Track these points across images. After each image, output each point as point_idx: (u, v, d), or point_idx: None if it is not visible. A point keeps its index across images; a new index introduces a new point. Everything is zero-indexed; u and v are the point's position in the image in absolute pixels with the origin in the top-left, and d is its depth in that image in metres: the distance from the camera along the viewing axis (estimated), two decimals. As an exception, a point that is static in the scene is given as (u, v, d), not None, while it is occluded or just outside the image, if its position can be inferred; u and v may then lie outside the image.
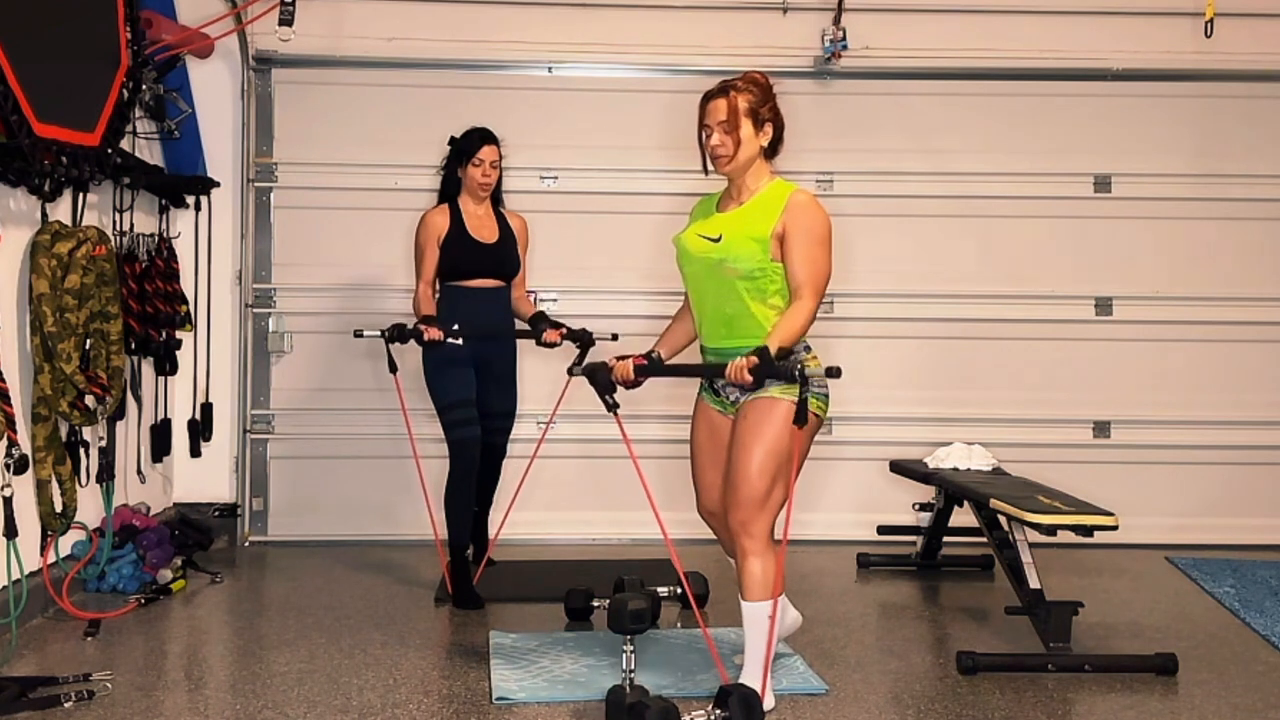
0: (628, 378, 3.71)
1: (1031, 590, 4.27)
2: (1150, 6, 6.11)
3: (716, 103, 3.67)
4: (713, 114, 3.67)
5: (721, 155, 3.66)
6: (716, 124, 3.65)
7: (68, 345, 4.37)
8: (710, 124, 3.67)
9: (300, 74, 5.99)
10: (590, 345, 4.89)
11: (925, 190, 6.14)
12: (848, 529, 5.95)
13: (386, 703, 3.69)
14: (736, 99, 3.64)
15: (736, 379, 3.50)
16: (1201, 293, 6.18)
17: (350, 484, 6.01)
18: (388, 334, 4.74)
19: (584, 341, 4.90)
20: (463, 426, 4.78)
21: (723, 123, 3.64)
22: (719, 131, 3.65)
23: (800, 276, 3.58)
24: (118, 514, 5.04)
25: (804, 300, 3.57)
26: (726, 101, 3.64)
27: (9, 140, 4.11)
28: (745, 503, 3.58)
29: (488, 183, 4.91)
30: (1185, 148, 6.18)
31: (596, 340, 4.90)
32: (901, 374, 6.13)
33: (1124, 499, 5.26)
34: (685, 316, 3.90)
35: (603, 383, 3.67)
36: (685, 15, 6.08)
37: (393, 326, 4.74)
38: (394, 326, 4.73)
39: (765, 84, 3.72)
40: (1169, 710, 3.76)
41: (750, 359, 3.46)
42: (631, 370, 3.71)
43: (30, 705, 3.54)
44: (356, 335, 4.92)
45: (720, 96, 3.67)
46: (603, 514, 6.04)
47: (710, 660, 4.01)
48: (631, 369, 3.71)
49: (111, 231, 5.03)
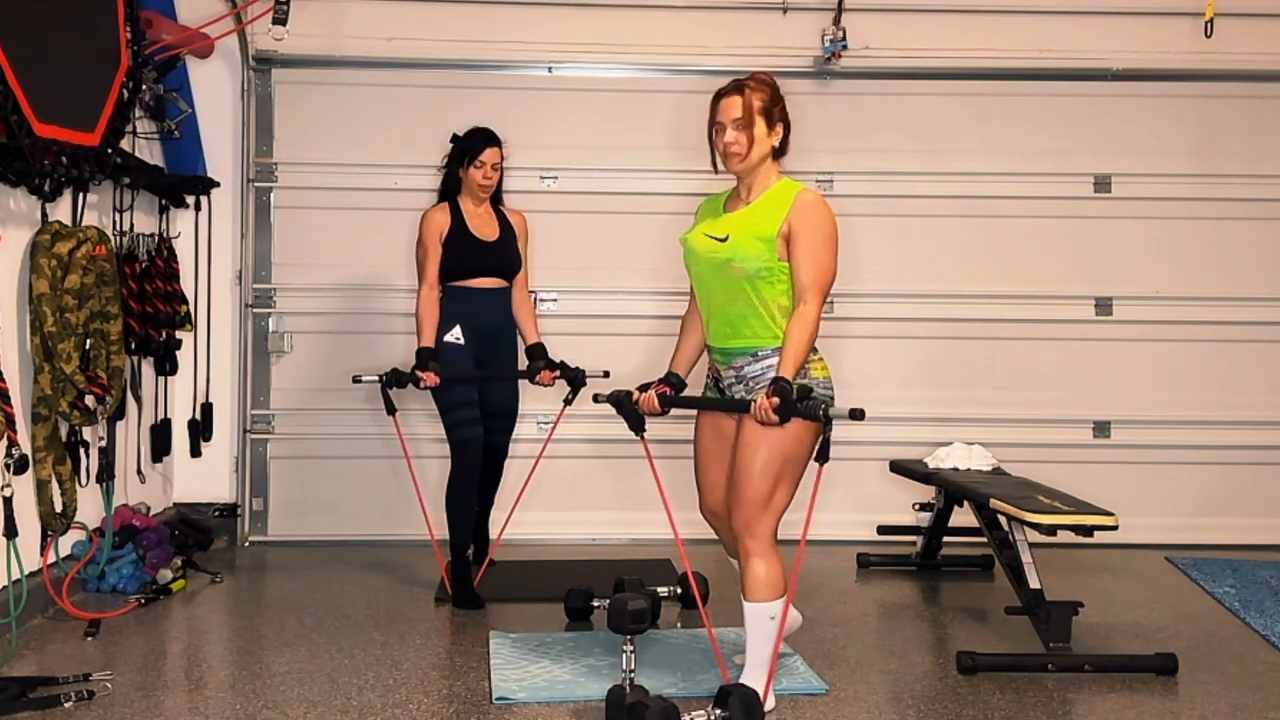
0: (653, 409, 3.78)
1: (1031, 590, 4.27)
2: (1150, 6, 6.11)
3: (731, 99, 3.66)
4: (726, 111, 3.66)
5: (736, 152, 3.65)
6: (730, 121, 3.64)
7: (68, 345, 4.37)
8: (723, 121, 3.66)
9: (300, 74, 5.99)
10: (582, 384, 4.95)
11: (925, 190, 6.14)
12: (848, 529, 5.94)
13: (386, 703, 3.69)
14: (751, 97, 3.64)
15: (762, 420, 3.50)
16: (1201, 293, 6.18)
17: (350, 484, 6.01)
18: (385, 379, 4.81)
19: (576, 381, 4.96)
20: (465, 427, 4.79)
21: (737, 120, 3.63)
22: (733, 128, 3.64)
23: (805, 278, 3.58)
24: (118, 514, 5.04)
25: (808, 305, 3.57)
26: (741, 99, 3.64)
27: (9, 140, 4.11)
28: (749, 503, 3.58)
29: (488, 184, 4.92)
30: (1185, 148, 6.18)
31: (588, 379, 4.95)
32: (902, 374, 6.13)
33: (1124, 499, 5.27)
34: (694, 326, 3.88)
35: (630, 415, 3.79)
36: (685, 15, 6.08)
37: (390, 372, 4.81)
38: (391, 372, 4.81)
39: (775, 84, 3.72)
40: (1169, 710, 3.76)
41: (773, 400, 3.47)
42: (656, 402, 3.78)
43: (30, 705, 3.55)
44: (355, 381, 4.96)
45: (735, 94, 3.66)
46: (603, 514, 6.04)
47: (710, 660, 4.02)
48: (656, 400, 3.78)
49: (111, 231, 5.03)
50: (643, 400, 3.78)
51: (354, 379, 4.95)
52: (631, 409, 3.78)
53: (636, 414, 3.78)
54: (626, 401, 3.80)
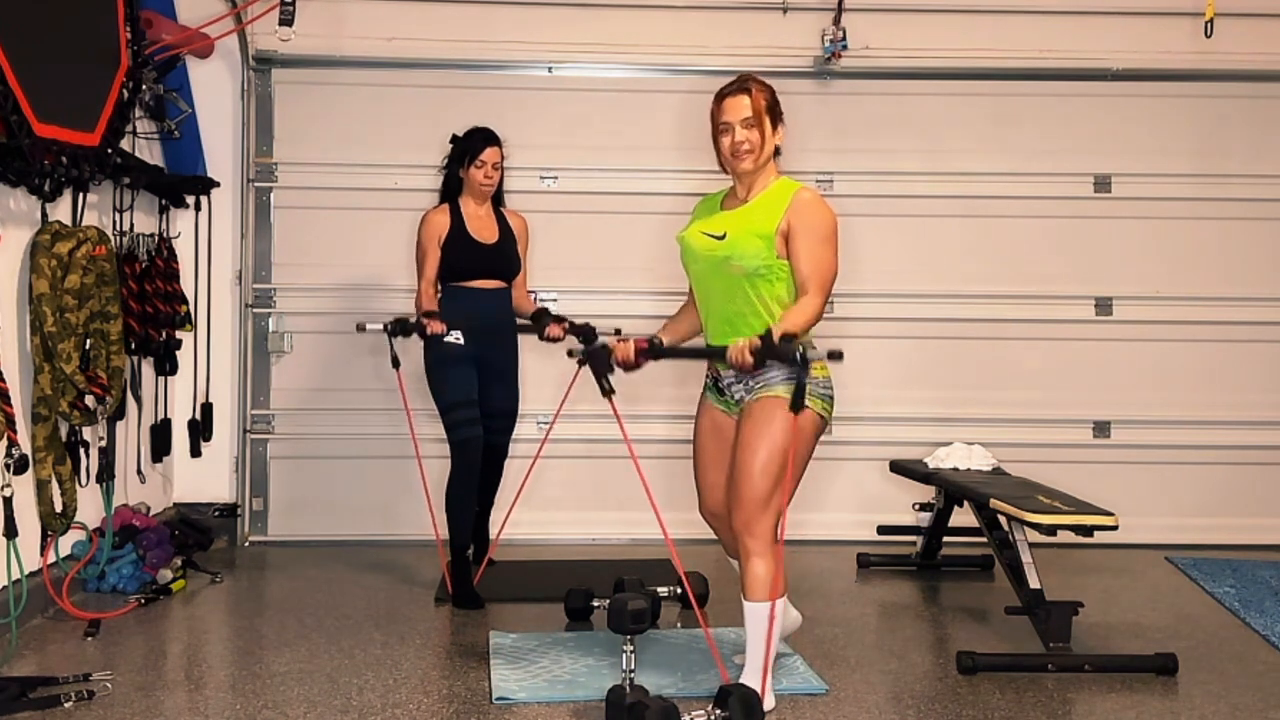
0: (628, 359, 3.71)
1: (1031, 590, 4.27)
2: (1150, 6, 6.11)
3: (738, 99, 3.66)
4: (734, 111, 3.66)
5: (749, 151, 3.65)
6: (740, 120, 3.65)
7: (68, 345, 4.37)
8: (731, 121, 3.66)
9: (300, 74, 5.99)
10: (593, 340, 4.89)
11: (925, 190, 6.14)
12: (848, 529, 5.95)
13: (386, 703, 3.69)
14: (758, 96, 3.66)
15: (737, 360, 3.48)
16: (1201, 293, 6.18)
17: (350, 484, 6.01)
18: (390, 328, 4.73)
19: (587, 336, 4.91)
20: (465, 427, 4.79)
21: (747, 119, 3.64)
22: (743, 128, 3.64)
23: (806, 272, 3.58)
24: (118, 514, 5.04)
25: (810, 296, 3.57)
26: (750, 98, 3.65)
27: (9, 140, 4.11)
28: (748, 503, 3.57)
29: (489, 184, 4.92)
30: (1185, 148, 6.18)
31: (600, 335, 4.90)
32: (902, 374, 6.13)
33: (1124, 499, 5.27)
34: (690, 310, 3.89)
35: (601, 364, 3.66)
36: (685, 15, 6.08)
37: (395, 320, 4.73)
38: (396, 320, 4.73)
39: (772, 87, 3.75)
40: (1169, 710, 3.76)
41: (752, 340, 3.46)
42: (632, 352, 3.71)
43: (30, 705, 3.54)
44: (359, 329, 4.88)
45: (741, 93, 3.66)
46: (603, 514, 6.04)
47: (710, 660, 4.01)
48: (633, 350, 3.71)
49: (111, 231, 5.03)
50: (619, 349, 3.71)
51: (358, 327, 4.88)
52: (604, 359, 3.67)
53: (607, 364, 3.65)
54: (600, 352, 3.69)
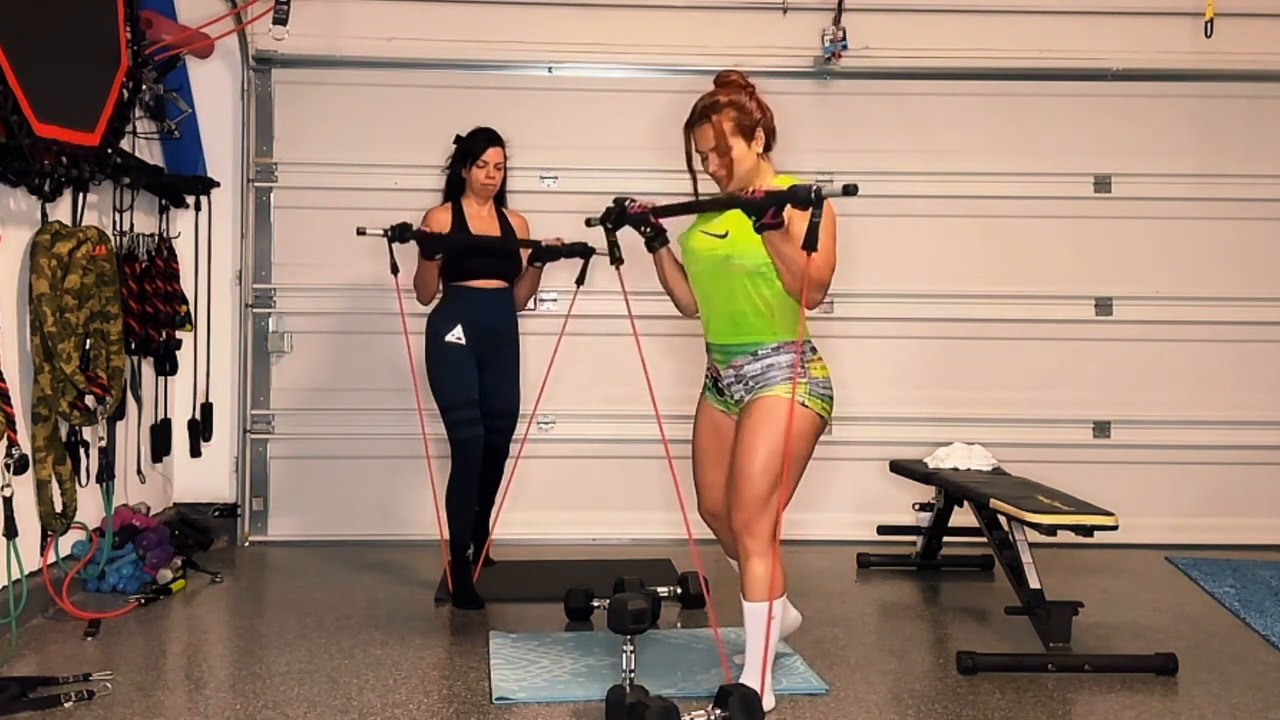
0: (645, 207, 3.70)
1: (1031, 590, 4.27)
2: (1150, 6, 6.11)
3: (702, 130, 3.66)
4: (702, 141, 3.67)
5: (723, 177, 3.68)
6: (709, 150, 3.66)
7: (68, 345, 4.37)
8: (703, 150, 3.68)
9: (300, 74, 5.99)
10: (590, 255, 4.96)
11: (925, 190, 6.13)
12: (848, 529, 5.95)
13: (386, 703, 3.69)
14: (721, 122, 3.62)
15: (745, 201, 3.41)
16: (1201, 293, 6.18)
17: (350, 484, 6.01)
18: (390, 232, 4.74)
19: (584, 254, 4.97)
20: (465, 426, 4.79)
21: (714, 148, 3.64)
22: (715, 154, 3.65)
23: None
24: (118, 514, 5.04)
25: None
26: (712, 127, 3.63)
27: (9, 140, 4.11)
28: (748, 503, 3.57)
29: (491, 184, 4.93)
30: (1185, 148, 6.18)
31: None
32: (901, 374, 6.13)
33: (1124, 499, 5.28)
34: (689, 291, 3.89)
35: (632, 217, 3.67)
36: (685, 15, 6.08)
37: (396, 225, 4.74)
38: (398, 225, 4.74)
39: (742, 85, 3.70)
40: (1169, 710, 3.76)
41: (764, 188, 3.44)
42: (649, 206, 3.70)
43: (30, 705, 3.54)
44: (359, 233, 4.86)
45: (704, 123, 3.65)
46: (603, 514, 6.03)
47: (710, 660, 4.02)
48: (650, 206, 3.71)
49: (111, 231, 5.03)
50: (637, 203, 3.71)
51: (358, 230, 4.85)
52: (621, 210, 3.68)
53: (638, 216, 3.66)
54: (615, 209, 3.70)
